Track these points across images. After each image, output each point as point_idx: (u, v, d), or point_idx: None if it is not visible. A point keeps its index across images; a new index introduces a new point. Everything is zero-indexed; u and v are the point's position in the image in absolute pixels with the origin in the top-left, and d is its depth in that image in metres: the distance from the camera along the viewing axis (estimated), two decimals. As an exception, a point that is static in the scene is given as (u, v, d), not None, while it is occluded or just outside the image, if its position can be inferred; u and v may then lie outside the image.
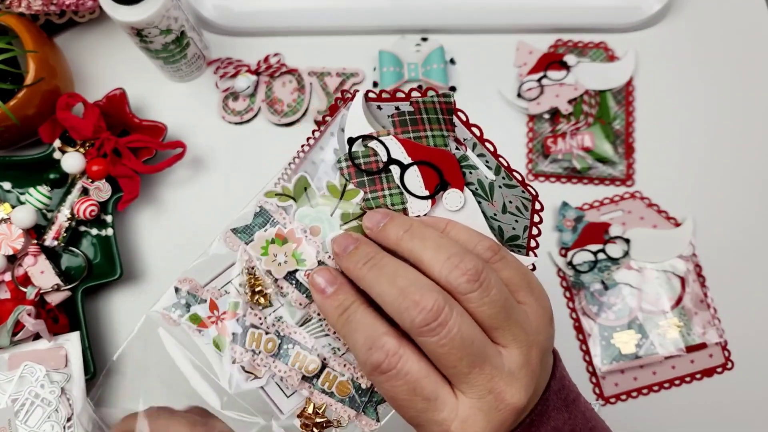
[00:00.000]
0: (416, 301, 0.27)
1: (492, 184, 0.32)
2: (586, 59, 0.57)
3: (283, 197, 0.33)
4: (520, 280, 0.30)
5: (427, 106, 0.31)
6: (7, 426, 0.43)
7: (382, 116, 0.33)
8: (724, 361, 0.51)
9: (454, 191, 0.32)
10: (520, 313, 0.29)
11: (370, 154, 0.32)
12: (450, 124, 0.32)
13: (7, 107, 0.48)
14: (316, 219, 0.33)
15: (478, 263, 0.28)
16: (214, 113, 0.57)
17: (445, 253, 0.28)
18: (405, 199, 0.32)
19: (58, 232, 0.50)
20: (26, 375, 0.45)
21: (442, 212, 0.32)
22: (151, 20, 0.47)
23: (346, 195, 0.33)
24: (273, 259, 0.32)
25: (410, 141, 0.32)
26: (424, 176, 0.32)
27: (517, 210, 0.31)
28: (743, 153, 0.55)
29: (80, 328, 0.49)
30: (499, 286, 0.28)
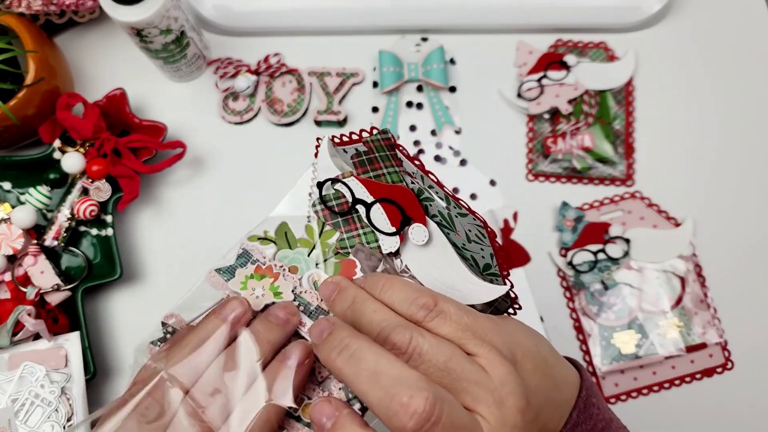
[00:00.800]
0: (405, 404, 0.25)
1: (449, 214, 0.32)
2: (586, 59, 0.57)
3: (265, 241, 0.35)
4: (462, 332, 0.28)
5: (375, 145, 0.33)
6: (7, 426, 0.43)
7: (347, 158, 0.35)
8: (724, 361, 0.51)
9: (418, 226, 0.32)
10: (473, 369, 0.27)
11: (340, 195, 0.34)
12: (397, 160, 0.33)
13: (7, 107, 0.48)
14: (295, 260, 0.35)
15: (404, 335, 0.27)
16: (214, 113, 0.57)
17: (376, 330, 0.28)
18: (378, 237, 0.33)
19: (58, 232, 0.50)
20: (26, 375, 0.44)
21: (412, 248, 0.33)
22: (151, 20, 0.47)
23: (324, 236, 0.35)
24: (251, 293, 0.34)
25: (371, 180, 0.33)
26: (388, 213, 0.33)
27: (477, 238, 0.31)
28: (743, 153, 0.55)
29: (80, 328, 0.49)
30: (435, 351, 0.27)
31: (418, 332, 0.28)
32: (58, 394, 0.44)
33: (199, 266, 0.53)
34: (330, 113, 0.56)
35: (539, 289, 0.53)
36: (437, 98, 0.57)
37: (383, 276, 0.31)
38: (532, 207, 0.54)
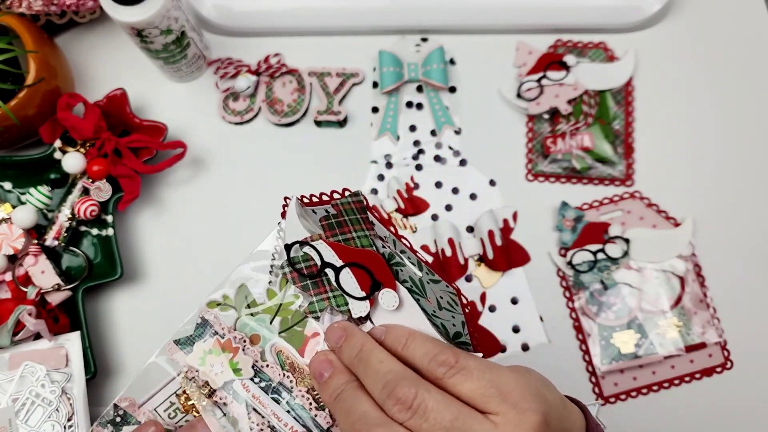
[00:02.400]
0: None
1: (421, 280, 0.32)
2: (585, 59, 0.57)
3: (225, 306, 0.34)
4: (485, 389, 0.27)
5: (345, 208, 0.32)
6: (8, 426, 0.44)
7: (316, 219, 0.34)
8: (724, 361, 0.52)
9: (388, 291, 0.32)
10: (482, 429, 0.27)
11: (308, 258, 0.33)
12: (368, 223, 0.32)
13: (7, 107, 0.48)
14: (256, 328, 0.34)
15: (409, 389, 0.27)
16: (215, 113, 0.57)
17: (381, 381, 0.28)
18: (345, 299, 0.33)
19: (59, 232, 0.50)
20: (27, 375, 0.45)
21: (382, 313, 0.32)
22: (152, 20, 0.47)
23: (286, 302, 0.34)
24: (210, 368, 0.33)
25: (339, 244, 0.33)
26: (357, 277, 0.32)
27: (449, 305, 0.31)
28: (743, 153, 0.55)
29: (81, 328, 0.49)
30: (440, 409, 0.27)
31: (425, 387, 0.27)
32: (58, 393, 0.44)
33: (199, 266, 0.54)
34: (330, 113, 0.56)
35: (539, 289, 0.53)
36: (437, 98, 0.57)
37: (406, 329, 0.31)
38: (531, 207, 0.54)
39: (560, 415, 0.29)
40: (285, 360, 0.34)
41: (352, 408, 0.29)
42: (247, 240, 0.54)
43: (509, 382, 0.28)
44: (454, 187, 0.55)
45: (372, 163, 0.56)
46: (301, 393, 0.33)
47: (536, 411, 0.27)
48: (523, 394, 0.28)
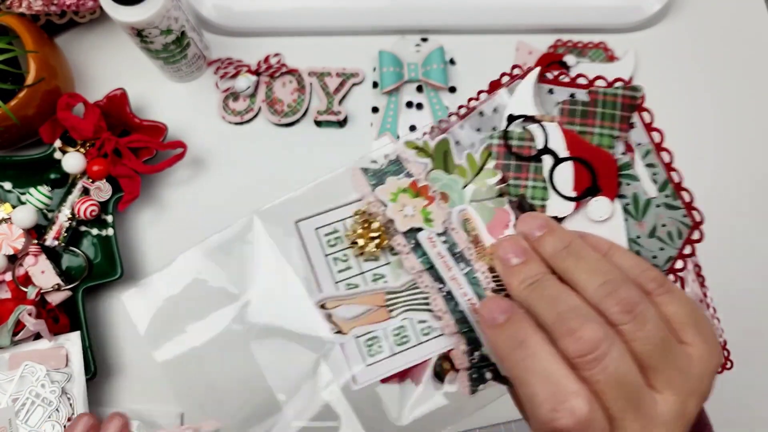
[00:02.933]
0: (573, 329, 0.25)
1: (649, 201, 0.29)
2: (585, 59, 0.57)
3: (422, 152, 0.31)
4: (686, 317, 0.27)
5: (606, 99, 0.29)
6: (8, 425, 0.44)
7: (550, 101, 0.30)
8: (723, 361, 0.51)
9: (604, 199, 0.29)
10: (681, 355, 0.26)
11: (526, 137, 0.30)
12: (626, 123, 0.29)
13: (7, 107, 0.48)
14: (448, 186, 0.30)
15: (634, 293, 0.26)
16: (215, 113, 0.57)
17: (601, 278, 0.26)
18: (547, 195, 0.29)
19: (59, 232, 0.50)
20: (27, 375, 0.45)
21: (582, 219, 0.29)
22: (152, 20, 0.47)
23: (482, 174, 0.30)
24: (401, 209, 0.29)
25: (573, 133, 0.29)
26: (576, 175, 0.29)
27: (667, 236, 0.28)
28: (743, 153, 0.55)
29: (81, 328, 0.49)
30: (656, 322, 0.26)
31: (646, 299, 0.26)
32: (58, 393, 0.44)
33: (199, 266, 0.54)
34: (330, 113, 0.56)
35: (539, 289, 0.53)
36: (437, 98, 0.57)
37: (604, 239, 0.29)
38: (532, 207, 0.54)
39: None
40: (470, 230, 0.30)
41: (560, 297, 0.26)
42: (247, 240, 0.54)
43: (704, 318, 0.27)
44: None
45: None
46: (482, 269, 0.29)
47: (720, 354, 0.27)
48: (712, 332, 0.27)
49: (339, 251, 0.30)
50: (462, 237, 0.30)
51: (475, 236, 0.30)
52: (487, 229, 0.30)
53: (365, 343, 0.30)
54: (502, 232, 0.30)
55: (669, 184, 0.28)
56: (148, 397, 0.51)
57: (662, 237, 0.29)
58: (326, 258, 0.30)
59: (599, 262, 0.27)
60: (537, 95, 0.31)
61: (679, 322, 0.27)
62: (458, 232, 0.30)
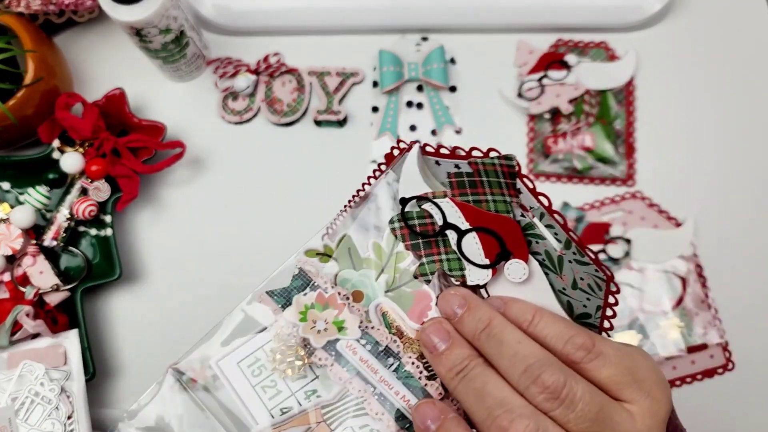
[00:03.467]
0: (504, 427, 0.25)
1: (561, 257, 0.29)
2: (586, 59, 0.56)
3: (324, 257, 0.31)
4: (622, 376, 0.26)
5: (487, 168, 0.29)
6: (8, 425, 0.43)
7: (440, 172, 0.30)
8: (725, 362, 0.51)
9: (517, 262, 0.29)
10: (622, 417, 0.26)
11: (425, 216, 0.30)
12: (513, 189, 0.29)
13: (6, 107, 0.48)
14: (359, 283, 0.30)
15: (557, 376, 0.25)
16: (214, 113, 0.57)
17: (522, 365, 0.26)
18: (463, 266, 0.29)
19: (57, 232, 0.50)
20: (25, 374, 0.44)
21: (504, 283, 0.29)
22: (151, 20, 0.47)
23: (393, 259, 0.30)
24: (312, 326, 0.30)
25: (469, 205, 0.29)
26: (483, 243, 0.29)
27: (588, 288, 0.28)
28: (744, 153, 0.55)
29: (79, 329, 0.48)
30: (588, 397, 0.25)
31: (573, 376, 0.26)
32: (58, 392, 0.44)
33: (198, 266, 0.54)
34: (330, 113, 0.56)
35: (539, 290, 0.53)
36: (437, 98, 0.56)
37: (531, 305, 0.28)
38: (532, 207, 0.54)
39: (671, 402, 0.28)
40: (391, 323, 0.30)
41: (486, 389, 0.26)
42: (246, 240, 0.54)
43: (643, 369, 0.27)
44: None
45: (372, 163, 0.55)
46: (411, 360, 0.29)
47: (667, 400, 0.27)
48: (655, 382, 0.27)
49: (265, 378, 0.30)
50: (383, 334, 0.30)
51: (397, 327, 0.30)
52: (408, 316, 0.30)
53: None
54: (426, 314, 0.30)
55: (572, 243, 0.28)
56: (147, 397, 0.51)
57: (584, 289, 0.29)
58: (254, 389, 0.30)
59: (519, 345, 0.27)
60: (425, 169, 0.31)
61: (616, 383, 0.26)
62: (378, 329, 0.30)
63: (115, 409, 0.51)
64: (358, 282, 0.30)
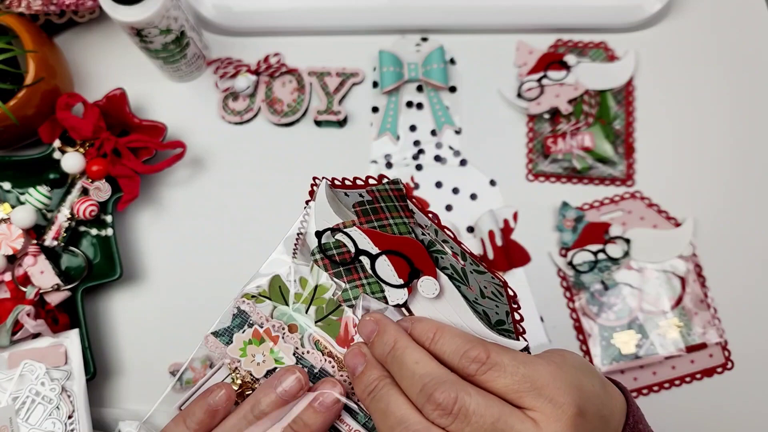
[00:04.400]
0: None
1: (464, 269, 0.31)
2: (586, 59, 0.57)
3: (260, 299, 0.34)
4: (519, 384, 0.27)
5: (382, 195, 0.31)
6: (9, 424, 0.44)
7: (349, 202, 0.33)
8: (724, 361, 0.51)
9: (428, 279, 0.31)
10: (523, 428, 0.26)
11: (341, 245, 0.32)
12: (407, 211, 0.31)
13: (6, 107, 0.48)
14: (293, 317, 0.34)
15: (449, 394, 0.27)
16: (214, 113, 0.57)
17: (418, 384, 0.28)
18: (383, 287, 0.32)
19: (58, 232, 0.50)
20: (26, 373, 0.45)
21: (422, 300, 0.31)
22: (151, 20, 0.47)
23: (319, 290, 0.34)
24: (252, 359, 0.33)
25: (375, 231, 0.32)
26: (394, 265, 0.31)
27: (494, 295, 0.30)
28: (744, 153, 0.55)
29: (80, 328, 0.49)
30: (482, 410, 0.26)
31: (465, 390, 0.27)
32: (58, 391, 0.44)
33: (198, 266, 0.54)
34: (330, 113, 0.56)
35: (539, 289, 0.53)
36: (437, 98, 0.56)
37: (433, 323, 0.30)
38: (532, 207, 0.54)
39: (599, 402, 0.28)
40: (323, 349, 0.33)
41: (389, 409, 0.28)
42: (246, 240, 0.54)
43: (543, 376, 0.27)
44: (454, 187, 0.55)
45: (372, 163, 0.56)
46: (343, 378, 0.33)
47: (572, 403, 0.27)
48: (558, 387, 0.27)
49: None
50: (317, 357, 0.33)
51: (329, 353, 0.33)
52: (336, 342, 0.33)
53: None
54: (353, 339, 0.33)
55: (466, 255, 0.30)
56: (148, 397, 0.51)
57: (491, 296, 0.31)
58: None
59: (417, 365, 0.28)
60: (337, 202, 0.33)
61: (514, 392, 0.27)
62: (312, 353, 0.33)
63: (116, 408, 0.51)
64: (291, 315, 0.34)
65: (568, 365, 0.29)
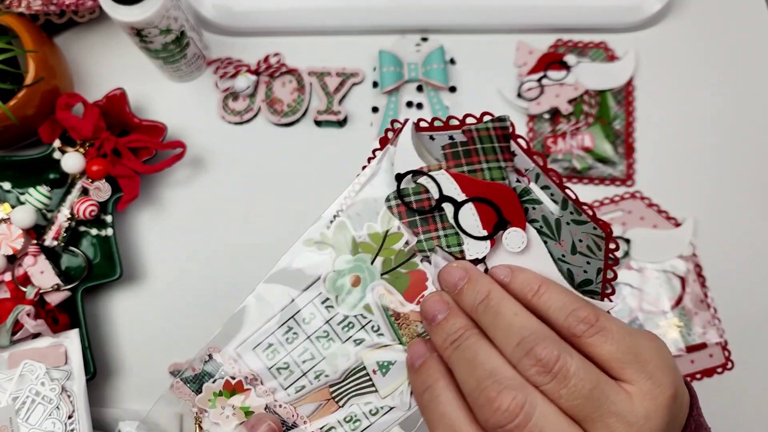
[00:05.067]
0: (491, 398, 0.24)
1: (558, 220, 0.28)
2: (586, 59, 0.57)
3: (322, 245, 0.31)
4: (624, 354, 0.25)
5: (481, 135, 0.29)
6: (9, 424, 0.44)
7: (435, 147, 0.30)
8: (724, 361, 0.51)
9: (516, 230, 0.29)
10: (619, 398, 0.25)
11: (421, 191, 0.30)
12: (508, 153, 0.29)
13: (6, 107, 0.48)
14: (356, 268, 0.31)
15: (551, 350, 0.25)
16: (214, 113, 0.57)
17: (517, 337, 0.26)
18: (461, 240, 0.29)
19: (58, 232, 0.50)
20: (26, 373, 0.45)
21: (503, 254, 0.29)
22: (151, 20, 0.47)
23: (388, 240, 0.30)
24: (220, 411, 0.32)
25: (464, 175, 0.29)
26: (480, 214, 0.29)
27: (588, 250, 0.28)
28: (744, 153, 0.55)
29: (80, 328, 0.49)
30: (582, 374, 0.25)
31: (567, 351, 0.25)
32: (58, 391, 0.44)
33: (198, 266, 0.54)
34: (330, 113, 0.56)
35: (539, 289, 0.53)
36: (437, 98, 0.56)
37: (538, 275, 0.28)
38: (532, 207, 0.54)
39: (684, 390, 0.27)
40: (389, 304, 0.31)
41: (477, 359, 0.26)
42: (246, 240, 0.54)
43: (648, 351, 0.26)
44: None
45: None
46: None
47: (670, 385, 0.25)
48: (659, 365, 0.26)
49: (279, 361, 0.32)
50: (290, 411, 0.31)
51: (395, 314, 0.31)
52: (405, 297, 0.31)
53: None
54: (422, 294, 0.30)
55: (568, 202, 0.28)
56: (148, 397, 0.51)
57: (584, 252, 0.28)
58: (270, 371, 0.32)
59: (516, 317, 0.26)
60: (420, 146, 0.31)
61: (617, 361, 0.26)
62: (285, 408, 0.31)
63: (116, 408, 0.51)
64: (355, 267, 0.31)
65: (665, 346, 0.27)
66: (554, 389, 0.25)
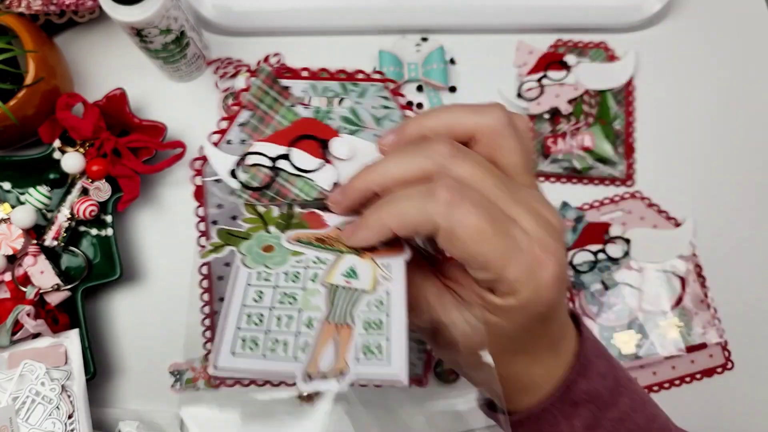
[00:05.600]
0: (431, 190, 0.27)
1: (353, 108, 0.33)
2: (586, 59, 0.57)
3: (219, 248, 0.33)
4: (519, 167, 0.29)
5: (258, 96, 0.33)
6: (9, 424, 0.44)
7: (238, 136, 0.34)
8: (725, 361, 0.51)
9: (333, 140, 0.32)
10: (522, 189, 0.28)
11: (254, 171, 0.33)
12: (285, 92, 0.33)
13: (6, 107, 0.48)
14: (260, 240, 0.32)
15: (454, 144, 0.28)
16: (214, 113, 0.57)
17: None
18: (311, 182, 0.33)
19: (58, 232, 0.50)
20: (26, 373, 0.45)
21: (346, 167, 0.32)
22: (151, 20, 0.47)
23: (265, 217, 0.33)
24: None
25: (272, 135, 0.33)
26: (306, 150, 0.33)
27: (384, 109, 0.32)
28: (744, 153, 0.55)
29: (80, 328, 0.49)
30: (480, 176, 0.27)
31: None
32: (58, 391, 0.44)
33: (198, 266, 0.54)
34: (330, 113, 0.56)
35: (539, 289, 0.53)
36: (437, 98, 0.56)
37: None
38: (532, 207, 0.54)
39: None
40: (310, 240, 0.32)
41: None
42: (246, 240, 0.54)
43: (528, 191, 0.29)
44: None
45: None
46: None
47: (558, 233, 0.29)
48: (544, 205, 0.30)
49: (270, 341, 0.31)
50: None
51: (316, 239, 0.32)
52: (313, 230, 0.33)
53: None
54: (324, 222, 0.33)
55: (346, 83, 0.33)
56: (148, 397, 0.51)
57: (383, 116, 0.33)
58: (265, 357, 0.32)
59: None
60: (225, 148, 0.35)
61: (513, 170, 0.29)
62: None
63: (116, 408, 0.51)
64: (257, 240, 0.32)
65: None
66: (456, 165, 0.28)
